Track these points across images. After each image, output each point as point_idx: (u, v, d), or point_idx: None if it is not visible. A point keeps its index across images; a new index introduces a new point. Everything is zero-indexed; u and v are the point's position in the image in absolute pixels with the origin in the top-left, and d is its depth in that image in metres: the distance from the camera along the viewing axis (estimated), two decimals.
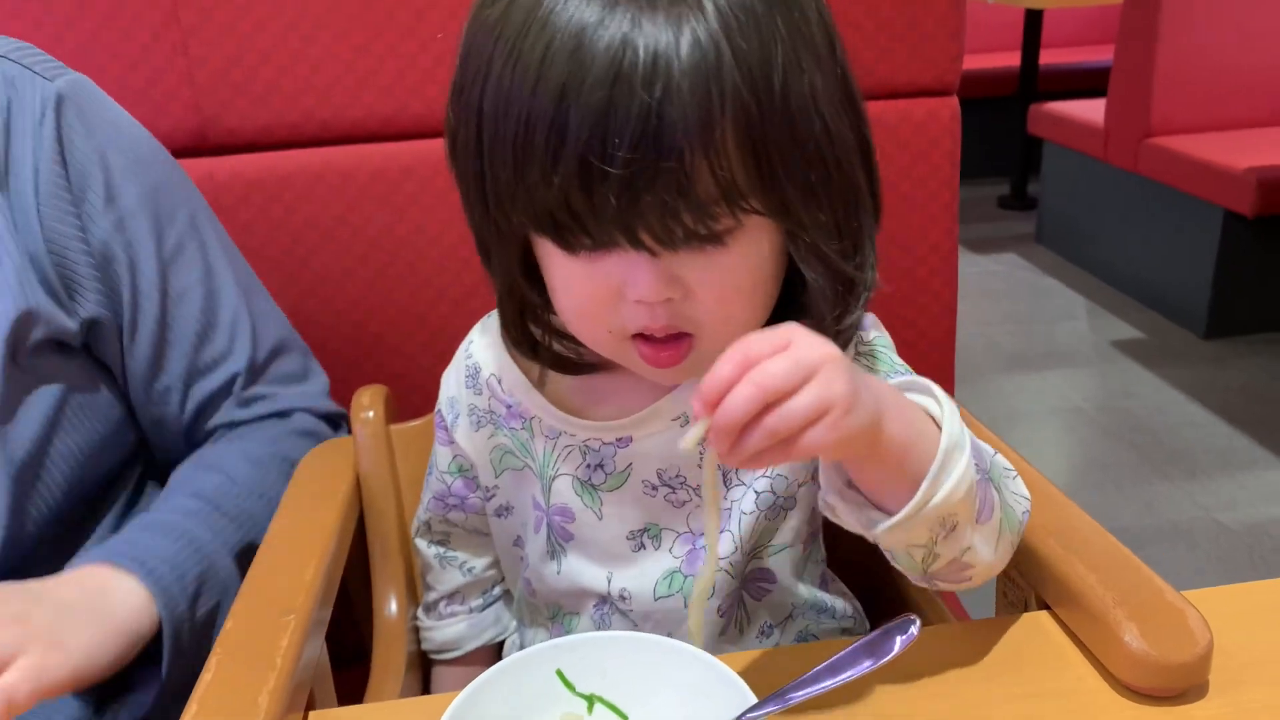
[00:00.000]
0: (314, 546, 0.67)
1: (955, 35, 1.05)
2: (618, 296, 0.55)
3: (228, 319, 0.80)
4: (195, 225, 0.80)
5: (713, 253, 0.53)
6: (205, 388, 0.79)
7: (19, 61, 0.72)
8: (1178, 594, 0.56)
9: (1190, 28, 2.74)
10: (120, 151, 0.75)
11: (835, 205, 0.54)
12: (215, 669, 0.55)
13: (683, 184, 0.49)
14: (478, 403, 0.70)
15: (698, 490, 0.64)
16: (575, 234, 0.52)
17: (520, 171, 0.51)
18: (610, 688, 0.52)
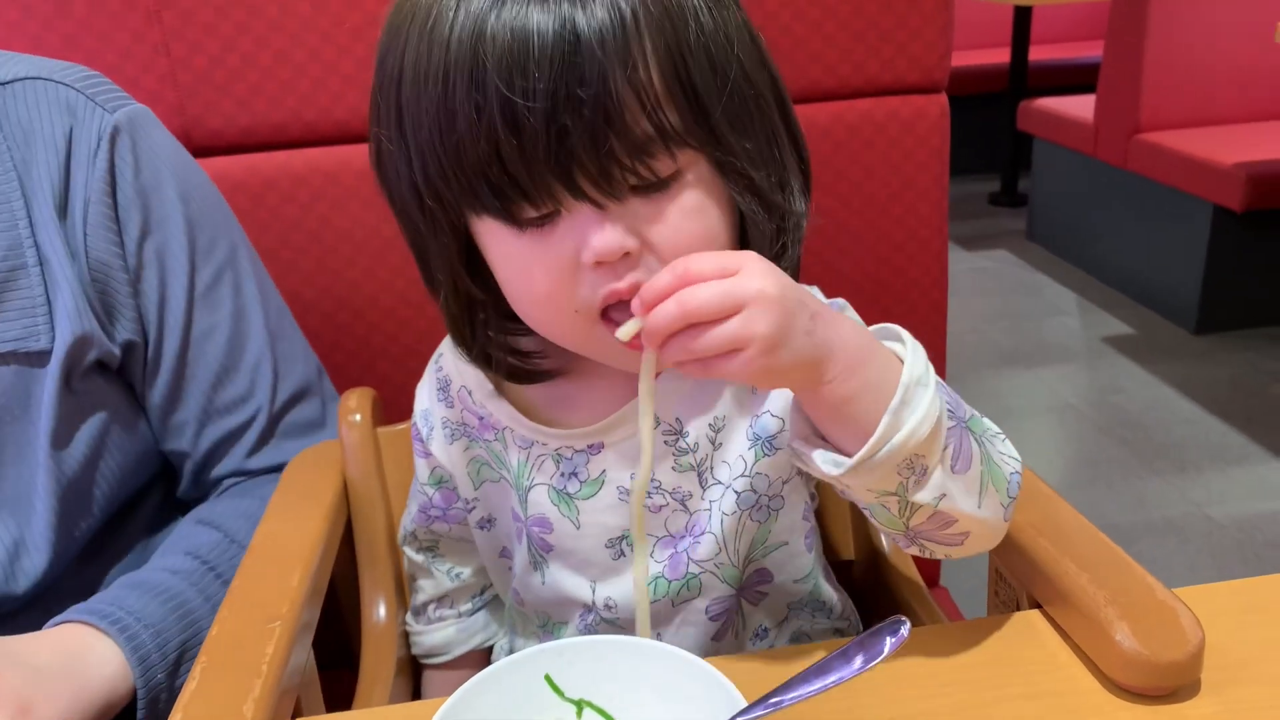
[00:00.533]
0: (301, 552, 0.66)
1: (944, 32, 1.05)
2: (575, 267, 0.53)
3: (250, 363, 0.79)
4: (233, 262, 0.80)
5: (659, 199, 0.53)
6: (219, 429, 0.79)
7: (83, 91, 0.73)
8: (1169, 592, 0.56)
9: (1179, 24, 2.75)
10: (166, 184, 0.76)
11: (758, 138, 0.56)
12: (200, 677, 0.54)
13: (610, 119, 0.49)
14: (450, 415, 0.70)
15: (673, 493, 0.64)
16: (513, 194, 0.51)
17: (445, 133, 0.51)
18: (599, 692, 0.51)
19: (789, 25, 1.02)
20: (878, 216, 1.09)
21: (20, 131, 0.70)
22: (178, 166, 0.78)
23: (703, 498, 0.64)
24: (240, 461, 0.79)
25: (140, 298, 0.74)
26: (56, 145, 0.71)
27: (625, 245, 0.52)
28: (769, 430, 0.63)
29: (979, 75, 3.95)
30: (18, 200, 0.69)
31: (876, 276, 1.11)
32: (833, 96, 1.06)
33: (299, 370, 0.83)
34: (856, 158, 1.07)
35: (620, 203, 0.52)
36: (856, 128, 1.06)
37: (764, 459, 0.63)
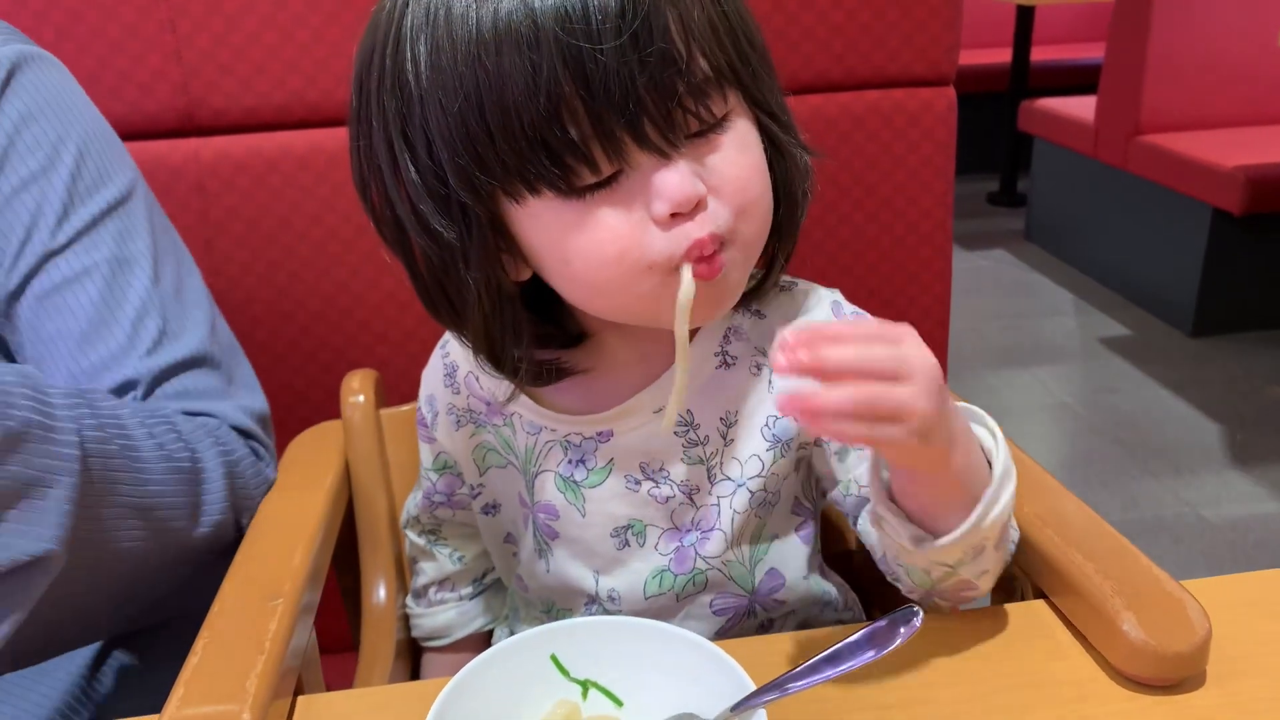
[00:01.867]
0: (303, 530, 0.66)
1: (951, 25, 1.05)
2: (643, 224, 0.52)
3: (129, 317, 0.69)
4: (123, 210, 0.72)
5: (713, 141, 0.53)
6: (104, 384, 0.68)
7: None
8: (1176, 584, 0.56)
9: (1181, 26, 2.75)
10: (43, 121, 0.70)
11: (775, 89, 0.58)
12: (202, 653, 0.54)
13: (675, 57, 0.49)
14: (456, 401, 0.69)
15: (681, 485, 0.63)
16: (574, 158, 0.49)
17: (489, 108, 0.49)
18: (605, 673, 0.51)
19: (796, 14, 1.02)
20: (882, 209, 1.09)
21: None
22: (62, 103, 0.72)
23: (710, 492, 0.64)
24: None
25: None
26: None
27: (699, 191, 0.51)
28: (789, 433, 0.63)
29: (980, 74, 3.95)
30: None
31: (880, 269, 1.11)
32: (839, 87, 1.05)
33: (196, 336, 0.72)
34: (862, 149, 1.07)
35: (680, 151, 0.51)
36: (863, 119, 1.06)
37: (780, 460, 0.63)
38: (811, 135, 0.61)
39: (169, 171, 0.98)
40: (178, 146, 0.98)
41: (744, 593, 0.66)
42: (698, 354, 0.62)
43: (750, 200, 0.54)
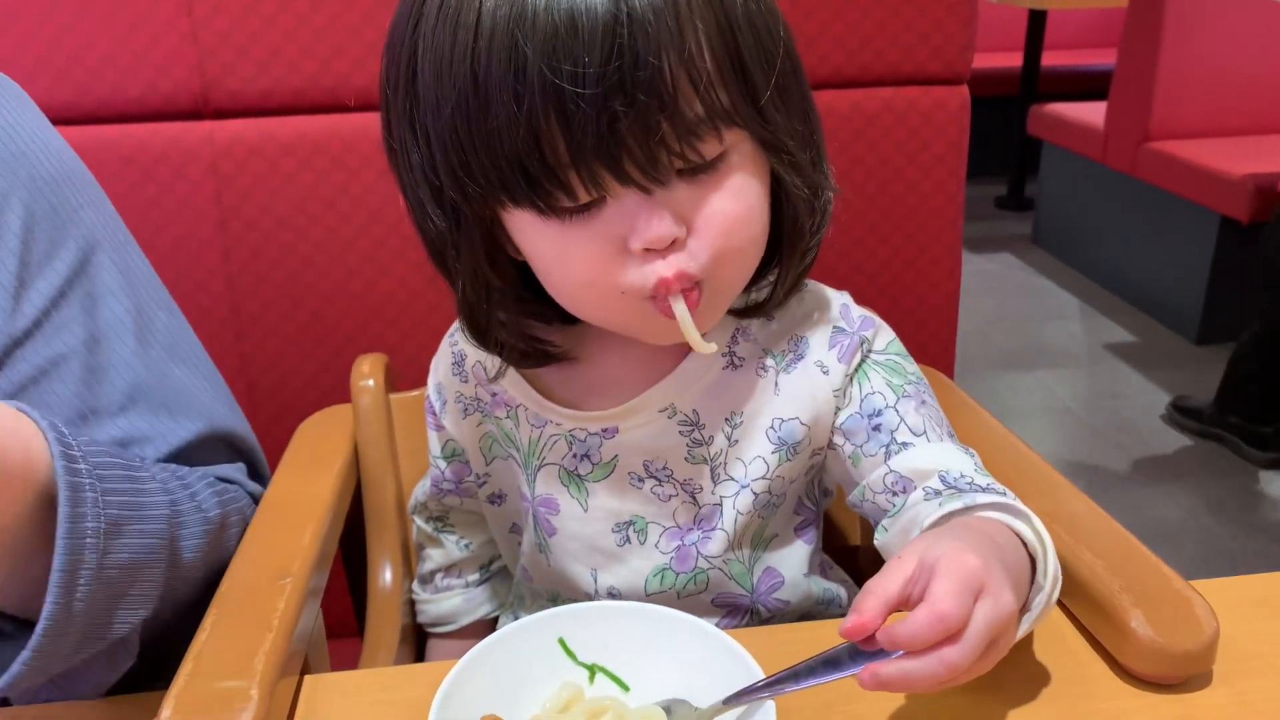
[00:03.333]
0: (311, 511, 0.66)
1: (967, 23, 1.05)
2: (620, 253, 0.52)
3: (116, 402, 0.60)
4: (85, 271, 0.61)
5: (704, 181, 0.51)
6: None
7: None
8: (1185, 582, 0.56)
9: (1193, 34, 2.75)
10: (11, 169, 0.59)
11: (798, 114, 0.55)
12: (211, 629, 0.54)
13: (665, 98, 0.47)
14: (464, 390, 0.69)
15: (684, 484, 0.63)
16: (552, 186, 0.49)
17: (475, 124, 0.48)
18: (612, 658, 0.51)
19: (812, 11, 1.01)
20: (893, 206, 1.09)
21: None
22: (15, 141, 0.60)
23: (713, 492, 0.64)
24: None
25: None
26: None
27: (675, 233, 0.51)
28: (795, 436, 0.62)
29: (990, 78, 3.94)
30: None
31: (891, 267, 1.11)
32: (853, 84, 1.05)
33: (201, 406, 0.65)
34: (874, 146, 1.07)
35: (666, 188, 0.50)
36: (875, 116, 1.06)
37: (786, 463, 0.63)
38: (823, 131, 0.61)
39: (183, 153, 0.98)
40: (192, 129, 0.98)
41: (744, 592, 0.66)
42: (704, 355, 0.62)
43: (731, 246, 0.53)
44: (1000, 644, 0.45)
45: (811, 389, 0.62)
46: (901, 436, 0.60)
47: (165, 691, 0.50)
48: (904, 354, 0.64)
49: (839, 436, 0.62)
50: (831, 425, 0.62)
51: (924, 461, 0.58)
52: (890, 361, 0.63)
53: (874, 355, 0.63)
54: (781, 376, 0.62)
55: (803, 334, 0.63)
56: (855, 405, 0.62)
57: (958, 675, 0.43)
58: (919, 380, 0.63)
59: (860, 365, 0.62)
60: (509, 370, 0.65)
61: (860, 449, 0.61)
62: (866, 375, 0.62)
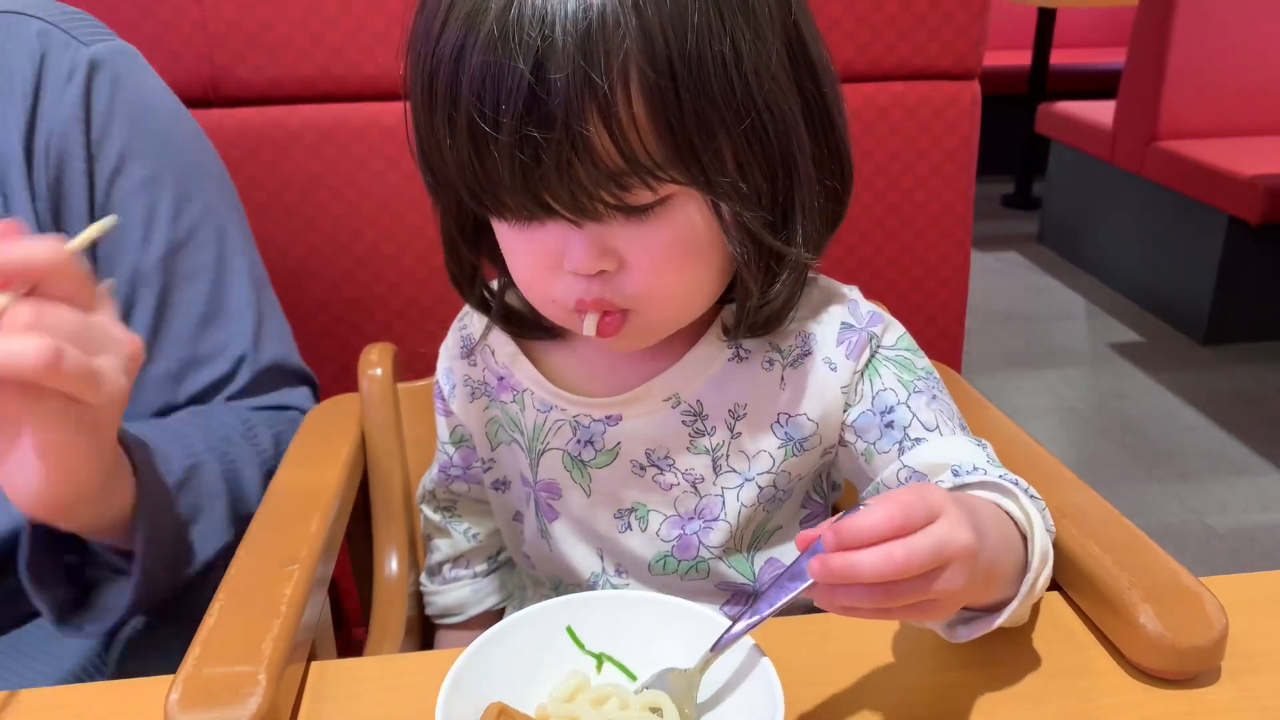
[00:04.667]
0: (319, 499, 0.66)
1: (978, 18, 1.05)
2: (557, 265, 0.53)
3: (234, 309, 0.75)
4: (214, 211, 0.76)
5: (643, 224, 0.51)
6: (202, 377, 0.74)
7: (58, 25, 0.71)
8: (1194, 578, 0.56)
9: (1203, 33, 2.74)
10: (148, 122, 0.73)
11: (763, 175, 0.52)
12: (218, 614, 0.54)
13: (578, 154, 0.47)
14: (472, 374, 0.69)
15: (685, 474, 0.63)
16: (490, 204, 0.51)
17: (431, 131, 0.50)
18: (620, 646, 0.51)
19: (823, 5, 1.01)
20: (903, 202, 1.09)
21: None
22: (162, 107, 0.76)
23: (714, 483, 0.63)
24: (240, 406, 0.75)
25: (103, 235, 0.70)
26: (24, 79, 0.68)
27: (598, 265, 0.52)
28: (804, 433, 0.62)
29: (999, 77, 3.93)
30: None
31: (899, 262, 1.11)
32: (864, 78, 1.05)
33: (280, 332, 0.79)
34: (884, 142, 1.07)
35: (599, 222, 0.50)
36: (886, 111, 1.05)
37: (793, 458, 0.63)
38: None
39: None
40: (201, 117, 0.97)
41: (746, 580, 0.66)
42: (711, 344, 0.62)
43: (661, 286, 0.53)
44: (950, 579, 0.43)
45: (819, 385, 0.61)
46: (915, 432, 0.60)
47: (172, 676, 0.50)
48: (914, 349, 0.64)
49: (850, 434, 0.62)
50: (841, 422, 0.62)
51: (937, 455, 0.58)
52: (900, 357, 0.62)
53: (884, 351, 0.62)
54: (788, 371, 0.62)
55: (810, 329, 0.62)
56: (867, 403, 0.61)
57: (901, 572, 0.41)
58: (930, 375, 0.63)
59: (869, 362, 0.62)
60: (517, 353, 0.65)
61: (873, 446, 0.61)
62: (877, 372, 0.62)
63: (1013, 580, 0.50)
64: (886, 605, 0.43)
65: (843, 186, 0.58)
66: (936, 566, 0.42)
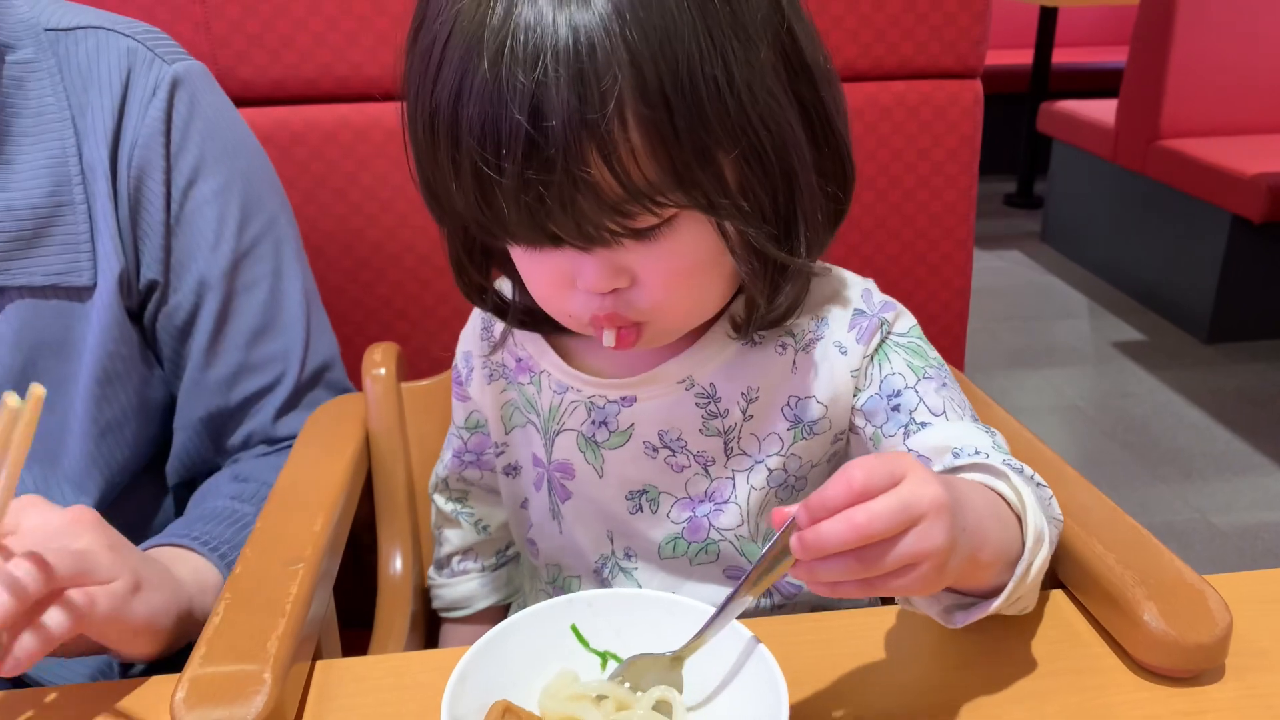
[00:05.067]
0: (323, 498, 0.66)
1: (980, 17, 1.04)
2: (571, 284, 0.55)
3: (287, 321, 0.79)
4: (275, 223, 0.80)
5: (650, 244, 0.52)
6: (251, 384, 0.78)
7: (143, 42, 0.74)
8: (1197, 576, 0.56)
9: (1205, 32, 2.73)
10: (220, 137, 0.77)
11: (764, 191, 0.52)
12: (224, 613, 0.54)
13: (580, 189, 0.47)
14: (492, 357, 0.70)
15: (697, 456, 0.64)
16: (499, 232, 0.52)
17: (437, 169, 0.51)
18: (625, 645, 0.51)
19: (826, 3, 1.01)
20: (905, 201, 1.09)
21: (79, 76, 0.72)
22: (233, 122, 0.80)
23: (726, 465, 0.64)
24: (265, 424, 0.78)
25: (176, 240, 0.74)
26: (113, 91, 0.72)
27: (611, 284, 0.53)
28: (812, 415, 0.63)
29: (1001, 76, 3.93)
30: (70, 140, 0.70)
31: (901, 261, 1.11)
32: (866, 77, 1.05)
33: (326, 343, 0.84)
34: (887, 140, 1.07)
35: (607, 247, 0.51)
36: (889, 110, 1.05)
37: (801, 441, 0.63)
38: None
39: None
40: None
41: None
42: (724, 329, 0.63)
43: (672, 299, 0.55)
44: (924, 535, 0.43)
45: (830, 369, 0.62)
46: (920, 416, 0.60)
47: (178, 675, 0.51)
48: (925, 340, 0.64)
49: (860, 418, 0.62)
50: (851, 406, 0.63)
51: (941, 439, 0.58)
52: (913, 344, 0.63)
53: (895, 337, 0.63)
54: (800, 355, 0.62)
55: (823, 315, 0.63)
56: (875, 386, 0.62)
57: (866, 535, 0.41)
58: (941, 365, 0.63)
59: (880, 346, 0.62)
60: (536, 336, 0.66)
61: (880, 429, 0.61)
62: (887, 356, 0.62)
63: (1010, 563, 0.50)
64: (864, 574, 0.43)
65: (845, 188, 0.58)
66: (906, 525, 0.42)
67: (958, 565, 0.46)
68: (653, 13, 0.46)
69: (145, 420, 0.76)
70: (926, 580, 0.44)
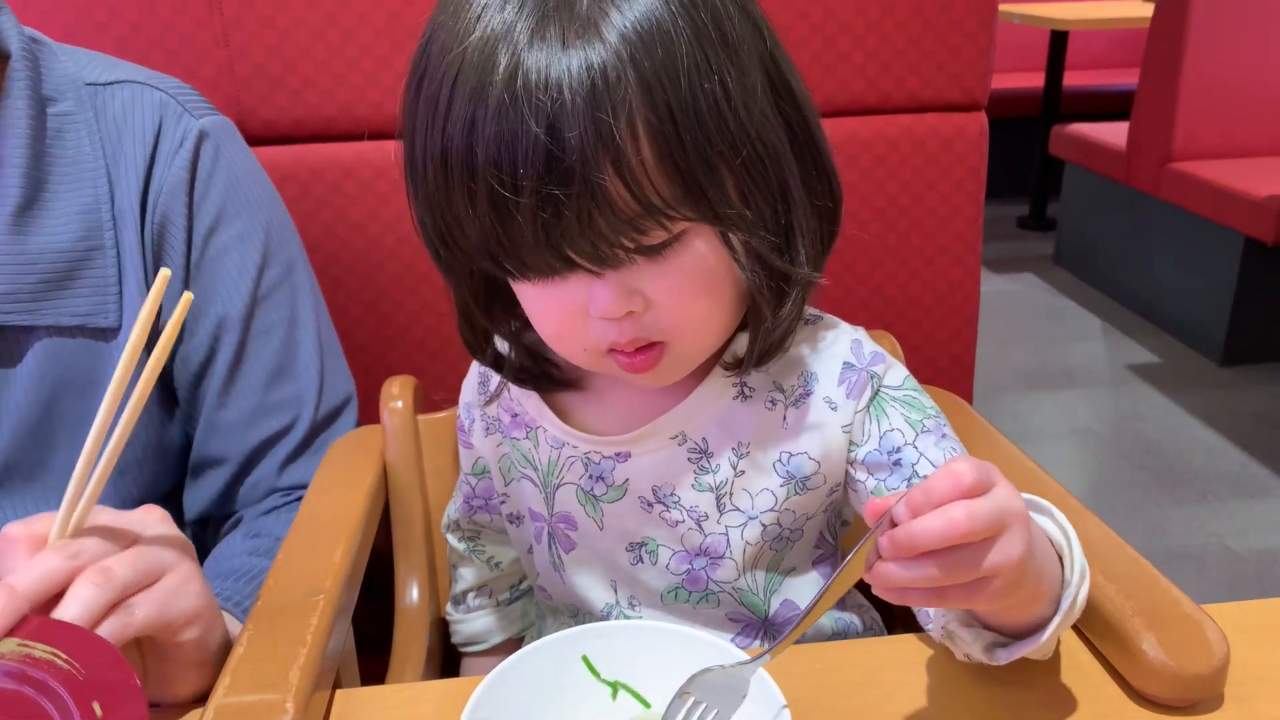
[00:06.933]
0: (342, 530, 0.68)
1: (985, 51, 1.06)
2: (584, 314, 0.55)
3: (300, 366, 0.81)
4: (292, 271, 0.83)
5: (662, 262, 0.53)
6: (264, 429, 0.79)
7: (175, 97, 0.78)
8: (1195, 606, 0.57)
9: (1216, 53, 2.74)
10: (242, 188, 0.80)
11: (763, 200, 0.54)
12: (247, 643, 0.56)
13: (597, 204, 0.49)
14: (487, 410, 0.72)
15: (690, 511, 0.64)
16: (512, 266, 0.53)
17: (447, 205, 0.52)
18: (635, 676, 0.53)
19: (834, 38, 1.03)
20: (913, 231, 1.11)
21: (114, 128, 0.75)
22: (255, 175, 0.83)
23: (719, 521, 0.64)
24: (276, 470, 0.80)
25: (195, 285, 0.77)
26: (145, 142, 0.76)
27: (625, 307, 0.54)
28: (804, 471, 0.63)
29: (1013, 98, 3.95)
30: (104, 187, 0.73)
31: (909, 291, 1.12)
32: (874, 111, 1.07)
33: (341, 387, 0.86)
34: (895, 172, 1.09)
35: (618, 269, 0.52)
36: (896, 142, 1.07)
37: (795, 496, 0.64)
38: (845, 158, 0.62)
39: None
40: None
41: (757, 618, 0.67)
42: (716, 383, 0.63)
43: (688, 318, 0.56)
44: (1006, 548, 0.43)
45: (820, 424, 0.63)
46: (923, 470, 0.61)
47: (202, 705, 0.52)
48: (919, 389, 0.65)
49: (861, 472, 0.63)
50: (848, 460, 0.63)
51: None
52: (908, 397, 0.63)
53: (889, 391, 0.63)
54: (790, 410, 0.63)
55: (813, 369, 0.63)
56: (874, 442, 0.62)
57: (962, 535, 0.42)
58: (938, 414, 0.63)
59: (873, 400, 0.63)
60: (530, 392, 0.67)
61: (883, 483, 0.62)
62: (884, 411, 0.62)
63: (1051, 599, 0.51)
64: (945, 581, 0.43)
65: (834, 205, 0.60)
66: (996, 532, 0.43)
67: (1024, 586, 0.47)
68: (655, 38, 0.48)
69: (162, 463, 0.78)
70: (998, 594, 0.45)
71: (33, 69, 0.72)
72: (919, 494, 0.43)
